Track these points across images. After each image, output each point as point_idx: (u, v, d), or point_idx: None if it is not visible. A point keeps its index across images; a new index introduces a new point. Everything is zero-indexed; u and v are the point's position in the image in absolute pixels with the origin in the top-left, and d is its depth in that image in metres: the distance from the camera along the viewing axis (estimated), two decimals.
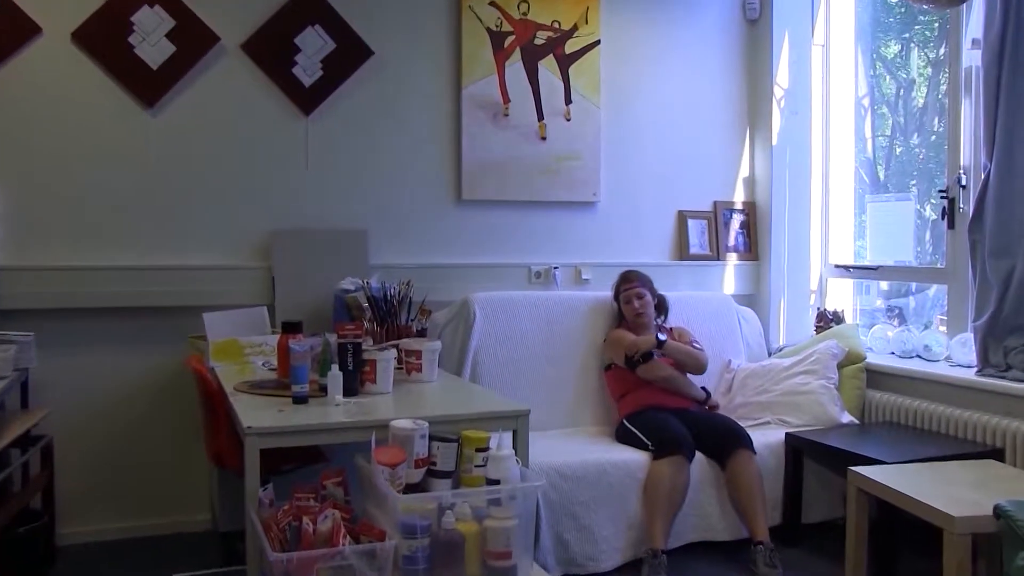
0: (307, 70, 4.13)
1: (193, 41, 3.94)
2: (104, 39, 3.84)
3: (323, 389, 2.86)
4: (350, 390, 2.87)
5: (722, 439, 3.79)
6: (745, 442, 3.77)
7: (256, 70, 4.07)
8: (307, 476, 2.92)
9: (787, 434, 3.94)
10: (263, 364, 3.45)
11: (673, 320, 4.36)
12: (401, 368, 3.25)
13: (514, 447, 2.67)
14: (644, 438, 3.77)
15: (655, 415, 3.89)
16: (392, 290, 3.64)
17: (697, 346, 4.18)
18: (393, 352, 3.08)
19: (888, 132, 5.13)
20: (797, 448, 3.90)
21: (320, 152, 4.19)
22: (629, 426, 3.89)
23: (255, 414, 2.63)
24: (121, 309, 3.87)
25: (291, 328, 3.10)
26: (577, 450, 3.77)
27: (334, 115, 4.20)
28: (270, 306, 3.94)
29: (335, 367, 2.85)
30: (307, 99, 4.14)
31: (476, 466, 2.50)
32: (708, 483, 3.75)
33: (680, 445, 3.68)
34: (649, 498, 3.59)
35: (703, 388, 4.15)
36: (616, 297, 4.28)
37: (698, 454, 3.75)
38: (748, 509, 3.66)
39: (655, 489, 3.59)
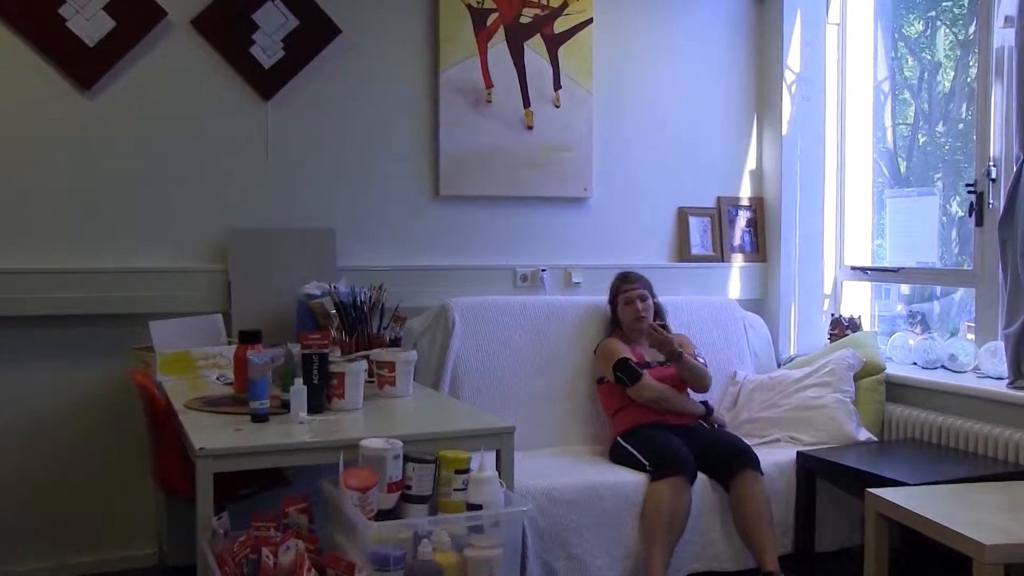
0: (266, 50, 4.11)
1: (136, 15, 3.90)
2: (30, 11, 3.77)
3: (285, 405, 2.86)
4: (315, 406, 2.87)
5: (726, 459, 3.80)
6: (751, 462, 3.78)
7: (209, 49, 4.05)
8: (267, 502, 2.92)
9: (798, 453, 3.95)
10: (217, 378, 3.45)
11: (676, 329, 4.36)
12: (372, 382, 3.25)
13: (497, 468, 2.69)
14: (641, 458, 3.77)
15: (653, 432, 3.90)
16: (362, 295, 3.64)
17: (701, 361, 4.19)
18: (363, 364, 3.08)
19: (910, 120, 5.17)
20: (809, 468, 3.91)
21: (281, 141, 4.17)
22: (624, 444, 3.90)
23: (208, 434, 2.63)
24: (54, 317, 3.83)
25: (249, 338, 3.10)
26: (567, 471, 3.77)
27: (297, 100, 4.19)
28: (225, 313, 3.92)
29: (298, 381, 2.85)
30: (267, 82, 4.12)
31: (455, 490, 2.51)
32: (711, 507, 3.75)
33: (680, 465, 3.68)
34: (647, 524, 3.60)
35: (704, 403, 4.16)
36: (612, 300, 4.29)
37: (700, 475, 3.75)
38: (755, 536, 3.66)
39: (653, 514, 3.59)
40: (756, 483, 3.73)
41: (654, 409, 4.00)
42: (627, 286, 4.24)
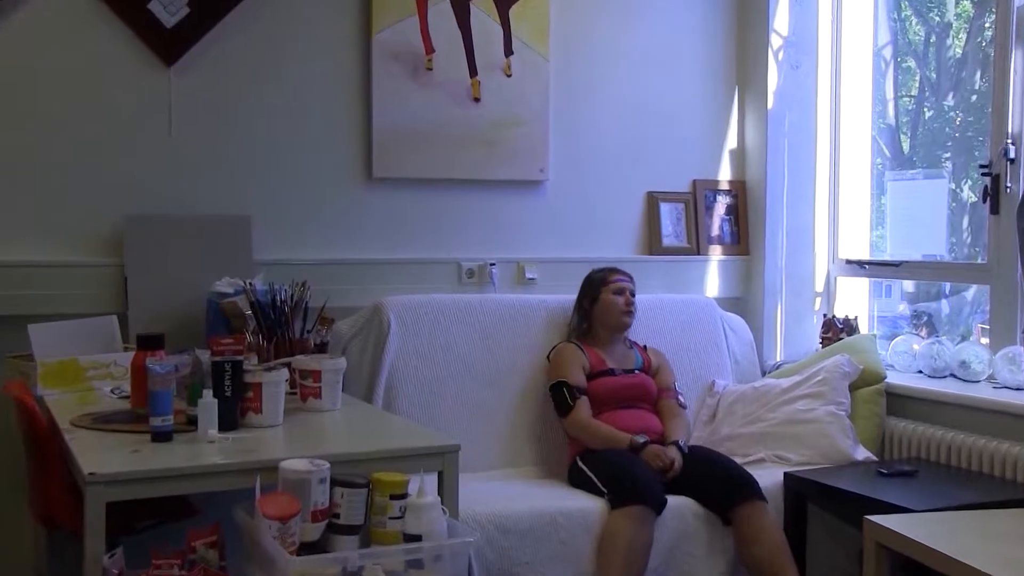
0: (168, 6, 4.08)
1: None
2: None
3: (192, 422, 2.84)
4: (228, 422, 2.86)
5: (724, 488, 3.78)
6: (755, 492, 3.76)
7: (99, 4, 4.01)
8: (170, 535, 2.89)
9: (786, 474, 3.98)
10: (112, 391, 3.42)
11: (644, 332, 4.38)
12: (294, 393, 3.25)
13: (440, 493, 2.69)
14: (598, 483, 3.78)
15: (615, 454, 3.89)
16: (283, 293, 3.62)
17: (681, 400, 4.24)
18: (284, 373, 3.07)
19: (915, 91, 5.23)
20: (799, 492, 3.94)
21: (187, 114, 4.14)
22: (583, 467, 3.91)
23: (100, 456, 2.61)
24: None
25: (150, 343, 3.06)
26: (520, 496, 3.78)
27: (205, 66, 4.16)
28: (121, 315, 3.89)
29: (208, 393, 2.83)
30: (169, 45, 4.09)
31: (391, 518, 2.51)
32: (714, 546, 3.72)
33: (645, 493, 3.66)
34: (602, 561, 3.59)
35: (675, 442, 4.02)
36: (591, 294, 4.25)
37: (697, 508, 3.74)
38: (778, 574, 3.65)
39: (609, 549, 3.58)
40: (764, 514, 3.73)
41: (623, 419, 4.01)
42: (616, 275, 4.26)
